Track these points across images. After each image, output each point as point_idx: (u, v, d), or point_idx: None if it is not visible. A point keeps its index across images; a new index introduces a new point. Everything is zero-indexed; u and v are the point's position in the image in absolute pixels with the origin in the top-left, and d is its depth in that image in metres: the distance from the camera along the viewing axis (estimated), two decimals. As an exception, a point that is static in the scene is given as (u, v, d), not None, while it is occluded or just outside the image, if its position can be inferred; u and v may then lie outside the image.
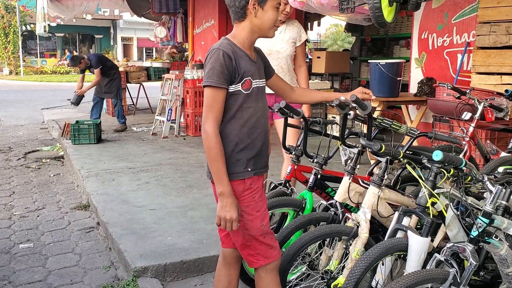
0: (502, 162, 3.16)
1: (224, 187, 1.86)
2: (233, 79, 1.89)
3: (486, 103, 3.67)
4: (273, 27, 1.99)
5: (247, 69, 1.92)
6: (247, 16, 1.94)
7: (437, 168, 2.06)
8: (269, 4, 1.93)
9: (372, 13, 2.76)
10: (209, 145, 1.86)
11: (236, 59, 1.89)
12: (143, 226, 3.58)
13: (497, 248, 2.00)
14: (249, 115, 1.95)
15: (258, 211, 1.98)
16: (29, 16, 23.51)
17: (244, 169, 1.95)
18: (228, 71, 1.87)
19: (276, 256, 2.04)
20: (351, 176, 2.51)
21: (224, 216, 1.87)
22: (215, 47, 1.91)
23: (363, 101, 2.25)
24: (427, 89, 5.30)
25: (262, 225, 1.98)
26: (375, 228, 2.59)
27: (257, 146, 1.99)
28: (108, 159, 5.78)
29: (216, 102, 1.87)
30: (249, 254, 2.01)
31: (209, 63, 1.88)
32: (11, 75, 24.51)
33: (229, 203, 1.86)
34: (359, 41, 9.80)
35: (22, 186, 5.07)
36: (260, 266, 2.01)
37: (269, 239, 2.01)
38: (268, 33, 2.00)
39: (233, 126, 1.93)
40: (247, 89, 1.93)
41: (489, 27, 4.64)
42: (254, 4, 1.91)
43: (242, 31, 1.96)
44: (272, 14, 1.95)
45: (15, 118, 10.13)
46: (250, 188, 1.96)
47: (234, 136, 1.93)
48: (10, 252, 3.40)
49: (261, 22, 1.94)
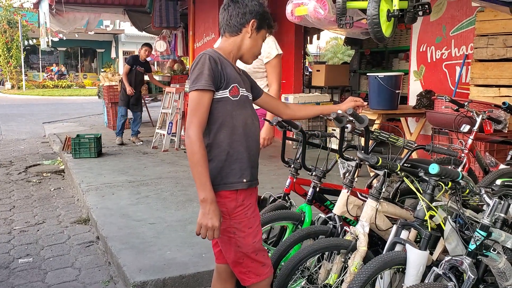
0: (500, 174, 3.16)
1: (206, 193, 1.81)
2: (219, 84, 1.90)
3: (485, 116, 3.68)
4: (255, 55, 2.09)
5: (233, 76, 1.94)
6: (241, 33, 2.01)
7: (434, 181, 2.06)
8: (261, 33, 2.05)
9: (371, 28, 2.78)
10: (192, 150, 1.83)
11: (222, 64, 1.92)
12: (142, 240, 3.58)
13: (495, 261, 2.00)
14: (239, 122, 1.94)
15: (251, 228, 1.95)
16: (31, 31, 23.75)
17: (238, 178, 1.93)
18: (215, 75, 1.88)
19: (268, 273, 2.01)
20: (349, 189, 2.51)
21: (206, 223, 1.81)
22: (201, 53, 1.93)
23: (359, 115, 2.27)
24: (426, 101, 5.33)
25: (254, 242, 1.96)
26: (374, 241, 2.58)
27: (250, 155, 1.97)
28: (108, 172, 5.79)
29: (200, 106, 1.85)
30: (240, 271, 1.99)
31: (196, 68, 1.89)
32: (13, 89, 24.65)
33: (212, 210, 1.81)
34: (359, 54, 9.87)
35: (23, 200, 5.07)
36: (251, 284, 1.99)
37: (261, 256, 1.99)
38: (249, 58, 2.08)
39: (224, 135, 1.92)
40: (235, 96, 1.93)
41: (487, 40, 4.69)
42: (253, 26, 2.00)
43: (230, 45, 2.02)
44: (260, 43, 2.07)
45: (16, 132, 10.17)
46: (243, 204, 1.94)
47: (226, 145, 1.92)
48: (9, 267, 3.39)
49: (251, 45, 2.03)
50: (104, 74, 10.71)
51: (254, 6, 2.00)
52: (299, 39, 8.40)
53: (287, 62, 8.33)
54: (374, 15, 2.76)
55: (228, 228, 1.93)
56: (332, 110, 2.33)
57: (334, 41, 32.14)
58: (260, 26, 2.02)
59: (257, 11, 2.00)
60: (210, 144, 1.92)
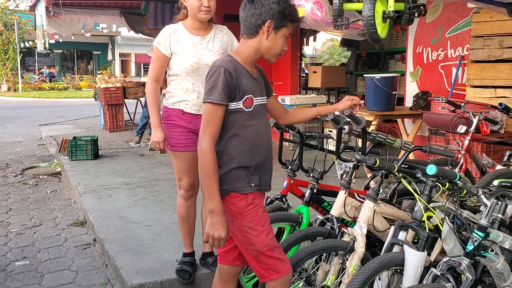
0: (497, 175, 3.17)
1: (215, 205, 1.85)
2: (233, 96, 1.89)
3: (481, 116, 3.69)
4: (277, 55, 2.00)
5: (248, 87, 1.92)
6: (258, 35, 1.93)
7: (432, 182, 2.06)
8: (282, 31, 1.93)
9: (366, 29, 2.79)
10: (203, 161, 1.85)
11: (238, 76, 1.89)
12: (139, 243, 3.56)
13: (493, 262, 2.00)
14: (251, 133, 1.94)
15: (263, 226, 1.96)
16: (27, 33, 23.68)
17: (246, 184, 1.94)
18: (229, 88, 1.87)
19: (288, 270, 2.01)
20: (347, 190, 2.51)
21: (212, 234, 1.85)
22: (217, 63, 1.91)
23: (357, 116, 2.27)
24: (422, 102, 5.34)
25: (268, 239, 1.96)
26: (372, 242, 2.58)
27: (259, 163, 1.98)
28: (105, 175, 5.77)
29: (214, 119, 1.87)
30: (260, 267, 1.98)
31: (211, 80, 1.88)
32: (10, 91, 24.56)
33: (219, 221, 1.85)
34: (355, 56, 9.88)
35: (19, 202, 5.05)
36: (272, 280, 1.99)
37: (277, 253, 1.99)
38: (270, 58, 2.01)
39: (235, 144, 1.92)
40: (248, 107, 1.93)
41: (483, 41, 4.71)
42: (270, 27, 1.90)
43: (247, 48, 1.96)
44: (282, 42, 1.96)
45: (13, 135, 10.13)
46: (253, 203, 1.95)
47: (235, 154, 1.92)
48: (6, 269, 3.38)
49: (270, 46, 1.94)
50: (101, 76, 10.69)
51: (270, 5, 1.89)
52: (296, 40, 8.41)
53: (284, 63, 8.34)
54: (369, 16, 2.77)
55: (241, 227, 1.94)
56: (329, 111, 2.32)
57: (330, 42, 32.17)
58: (279, 25, 1.92)
59: (274, 10, 1.89)
60: (221, 151, 1.92)
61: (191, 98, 2.81)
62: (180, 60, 2.79)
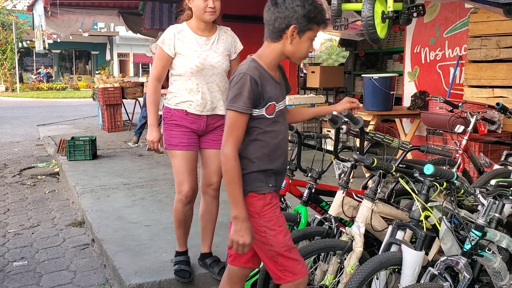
0: (495, 174, 3.18)
1: (239, 211, 1.84)
2: (257, 104, 1.87)
3: (479, 116, 3.71)
4: (303, 58, 1.97)
5: (272, 94, 1.90)
6: (282, 39, 1.87)
7: (429, 182, 2.07)
8: (307, 35, 1.88)
9: (366, 30, 2.80)
10: (227, 168, 1.84)
11: (263, 84, 1.86)
12: (138, 243, 3.57)
13: (490, 261, 2.01)
14: (271, 139, 1.93)
15: (280, 226, 1.95)
16: (25, 33, 23.64)
17: (265, 184, 1.93)
18: (254, 96, 1.84)
19: (304, 272, 1.99)
20: (345, 190, 2.52)
21: (237, 240, 1.84)
22: (242, 70, 1.86)
23: (354, 116, 2.28)
24: (420, 102, 5.36)
25: (286, 240, 1.95)
26: (369, 242, 2.59)
27: (277, 167, 1.98)
28: (104, 175, 5.77)
29: (238, 126, 1.84)
30: (277, 269, 1.96)
31: (236, 87, 1.84)
32: (7, 91, 24.53)
33: (244, 227, 1.84)
34: (353, 56, 9.90)
35: (17, 203, 5.05)
36: (288, 282, 1.96)
37: (295, 254, 1.98)
38: (296, 61, 1.97)
39: (254, 148, 1.91)
40: (270, 114, 1.91)
41: (480, 41, 4.72)
42: (293, 32, 1.85)
43: (271, 52, 1.91)
44: (307, 45, 1.91)
45: (10, 135, 10.12)
46: (271, 203, 1.94)
47: (255, 158, 1.91)
48: (4, 270, 3.37)
49: (295, 50, 1.89)
50: (99, 76, 10.69)
51: (294, 8, 1.82)
52: (294, 40, 8.39)
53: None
54: (368, 16, 2.78)
55: (259, 227, 1.93)
56: (327, 111, 2.33)
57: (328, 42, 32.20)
58: (304, 29, 1.85)
59: (298, 14, 1.82)
60: (239, 154, 1.91)
61: (195, 99, 2.79)
62: (185, 60, 2.77)
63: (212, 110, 2.85)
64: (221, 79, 2.87)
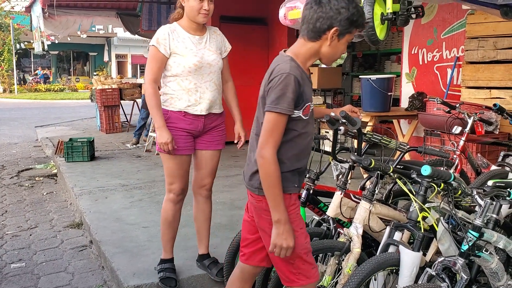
0: (492, 175, 3.19)
1: (281, 214, 1.79)
2: (297, 105, 1.81)
3: (476, 117, 3.72)
4: (334, 60, 1.94)
5: (309, 95, 1.87)
6: (320, 39, 1.82)
7: (427, 183, 2.08)
8: (346, 38, 1.83)
9: (366, 32, 2.80)
10: (267, 171, 1.78)
11: (303, 85, 1.80)
12: (136, 244, 3.56)
13: (488, 261, 2.02)
14: (302, 140, 1.89)
15: (302, 228, 1.93)
16: (23, 34, 23.60)
17: (291, 184, 1.90)
18: (297, 98, 1.79)
19: (317, 276, 1.97)
20: (343, 191, 2.53)
21: (280, 244, 1.79)
22: (285, 70, 1.77)
23: (352, 117, 2.28)
24: (418, 103, 5.37)
25: (306, 242, 1.93)
26: (367, 242, 2.59)
27: (303, 166, 1.95)
28: (101, 176, 5.77)
29: (278, 128, 1.78)
30: (290, 272, 1.93)
31: (279, 88, 1.76)
32: (5, 93, 24.48)
33: (286, 230, 1.79)
34: (351, 57, 9.90)
35: (15, 204, 5.04)
36: (300, 285, 1.93)
37: (311, 257, 1.96)
38: (326, 62, 1.93)
39: (286, 149, 1.86)
40: (306, 115, 1.87)
41: (477, 42, 4.73)
42: (334, 34, 1.79)
43: (308, 52, 1.85)
44: (343, 48, 1.87)
45: (8, 136, 10.10)
46: (295, 203, 1.92)
47: (286, 158, 1.86)
48: (2, 272, 3.37)
49: (332, 52, 1.85)
50: (97, 78, 10.68)
51: (339, 10, 1.76)
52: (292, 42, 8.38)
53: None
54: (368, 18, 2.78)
55: None
56: (326, 112, 2.33)
57: (326, 43, 32.27)
58: (344, 32, 1.80)
59: (343, 16, 1.76)
60: None
61: (193, 99, 2.78)
62: (182, 59, 2.74)
63: (210, 109, 2.84)
64: (218, 77, 2.87)
